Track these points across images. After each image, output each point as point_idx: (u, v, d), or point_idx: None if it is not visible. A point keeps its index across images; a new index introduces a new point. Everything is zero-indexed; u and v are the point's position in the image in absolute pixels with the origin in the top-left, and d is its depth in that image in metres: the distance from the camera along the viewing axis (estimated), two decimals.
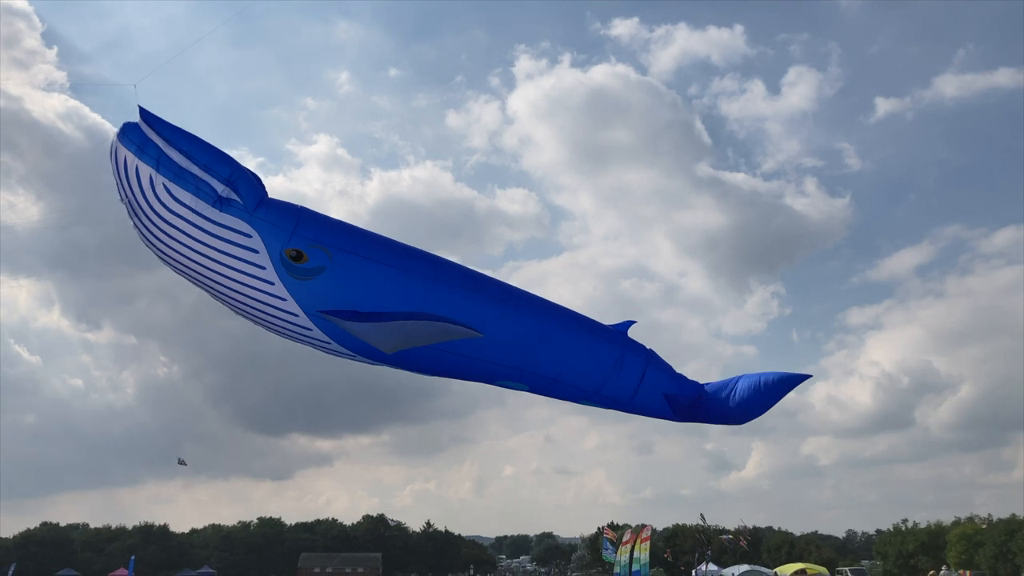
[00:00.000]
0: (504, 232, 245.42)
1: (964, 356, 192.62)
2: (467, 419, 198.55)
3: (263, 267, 8.37)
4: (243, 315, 9.17)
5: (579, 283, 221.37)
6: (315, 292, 8.52)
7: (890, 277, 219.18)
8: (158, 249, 8.67)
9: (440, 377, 9.74)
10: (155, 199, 8.23)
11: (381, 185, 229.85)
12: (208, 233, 8.24)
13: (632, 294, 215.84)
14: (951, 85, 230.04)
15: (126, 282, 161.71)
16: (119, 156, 8.42)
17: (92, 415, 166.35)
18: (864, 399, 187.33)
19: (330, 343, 9.03)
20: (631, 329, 9.72)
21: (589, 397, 9.77)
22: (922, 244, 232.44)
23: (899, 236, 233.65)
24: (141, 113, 8.28)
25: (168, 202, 8.19)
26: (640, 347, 9.66)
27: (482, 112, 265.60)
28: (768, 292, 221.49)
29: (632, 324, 9.73)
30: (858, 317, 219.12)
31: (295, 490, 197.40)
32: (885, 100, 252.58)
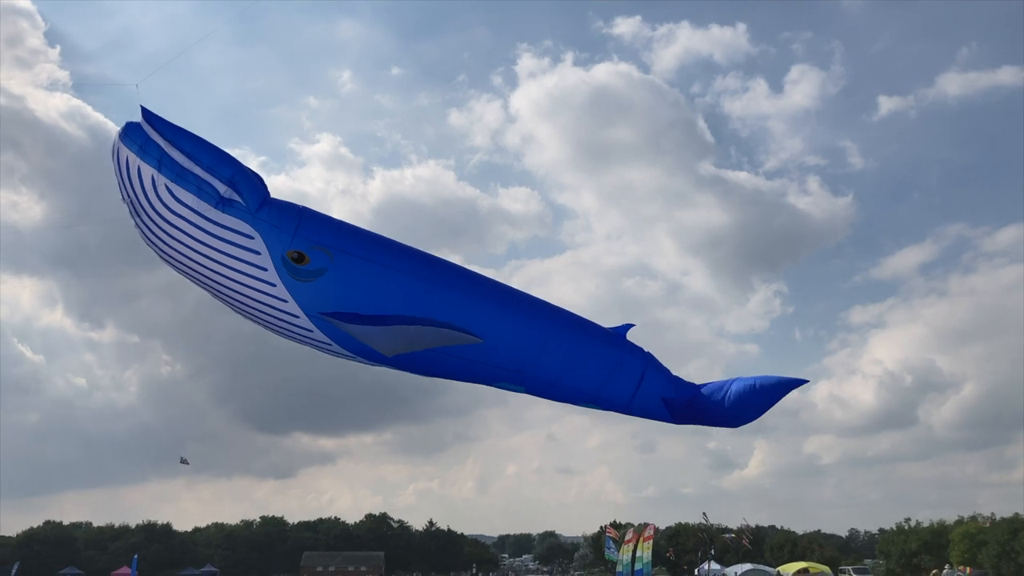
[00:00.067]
0: (507, 231, 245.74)
1: (967, 355, 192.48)
2: (470, 418, 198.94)
3: (265, 268, 8.37)
4: (244, 315, 9.16)
5: (582, 282, 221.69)
6: (316, 294, 8.51)
7: (893, 276, 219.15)
8: (160, 250, 8.66)
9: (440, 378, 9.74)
10: (157, 200, 8.21)
11: (383, 184, 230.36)
12: (210, 234, 8.22)
13: (635, 293, 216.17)
14: (954, 83, 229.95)
15: (129, 281, 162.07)
16: (121, 156, 8.39)
17: (95, 414, 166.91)
18: (867, 398, 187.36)
19: (331, 344, 9.03)
20: (630, 332, 9.69)
21: (588, 400, 9.75)
22: (925, 243, 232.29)
23: (902, 235, 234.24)
24: (143, 113, 8.24)
25: (170, 203, 8.17)
26: (639, 350, 9.63)
27: (484, 111, 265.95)
28: (771, 291, 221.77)
29: (631, 327, 9.70)
30: (861, 316, 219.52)
31: (298, 489, 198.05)
32: (888, 98, 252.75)
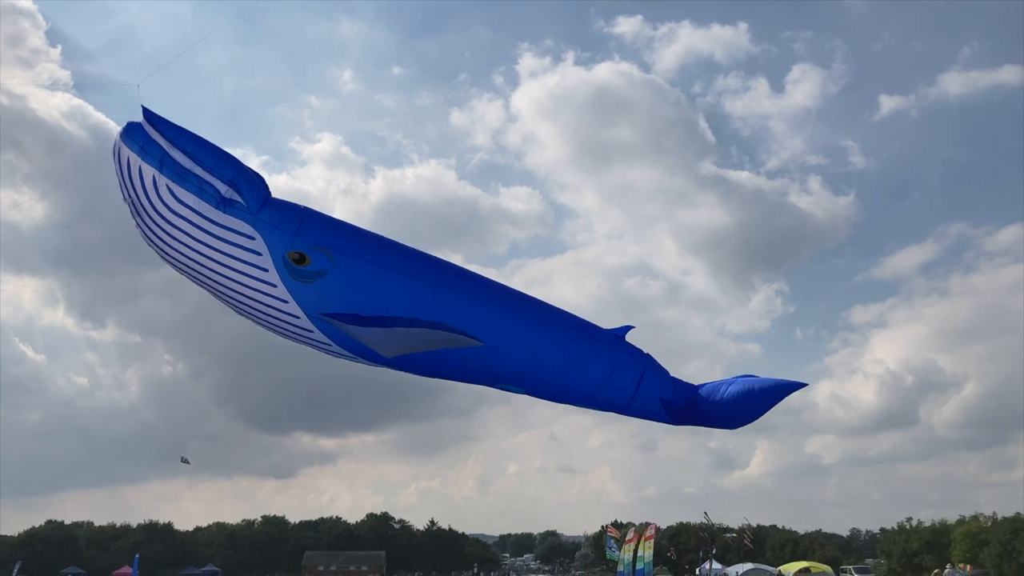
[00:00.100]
0: (508, 230, 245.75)
1: (968, 354, 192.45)
2: (471, 417, 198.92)
3: (266, 269, 8.35)
4: (245, 316, 9.15)
5: (583, 281, 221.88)
6: (317, 295, 8.49)
7: (894, 275, 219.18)
8: (161, 250, 8.64)
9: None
10: (158, 200, 8.19)
11: (385, 183, 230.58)
12: (211, 235, 8.20)
13: (636, 292, 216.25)
14: (956, 82, 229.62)
15: (130, 280, 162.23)
16: (122, 156, 8.36)
17: (96, 413, 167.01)
18: (868, 397, 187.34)
19: (331, 345, 9.02)
20: (630, 334, 9.69)
21: (587, 401, 9.77)
22: (926, 242, 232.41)
23: (903, 234, 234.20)
24: (144, 113, 8.21)
25: (171, 203, 8.14)
26: (638, 352, 9.64)
27: (486, 110, 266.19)
28: (772, 290, 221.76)
29: (630, 329, 9.70)
30: (862, 315, 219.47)
31: (299, 488, 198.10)
32: (889, 98, 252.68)
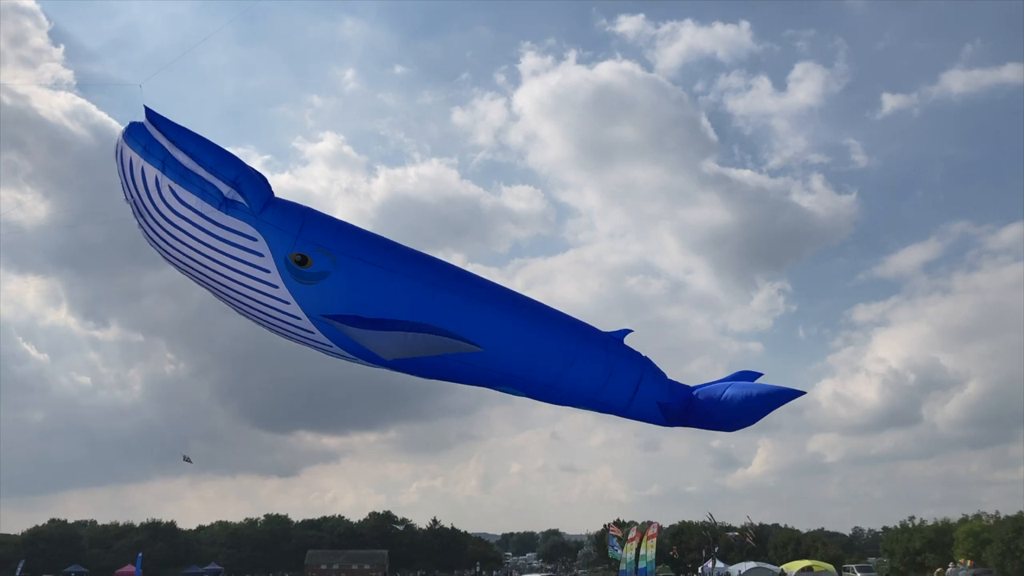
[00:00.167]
0: (510, 229, 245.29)
1: (971, 353, 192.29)
2: (473, 416, 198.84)
3: (267, 270, 8.35)
4: (246, 316, 9.16)
5: (585, 280, 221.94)
6: (319, 296, 8.50)
7: (897, 274, 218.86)
8: (163, 251, 8.65)
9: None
10: (160, 201, 8.20)
11: (387, 182, 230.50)
12: (213, 236, 8.21)
13: (638, 291, 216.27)
14: (958, 81, 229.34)
15: (133, 280, 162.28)
16: (124, 157, 8.38)
17: (99, 412, 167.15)
18: (871, 396, 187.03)
19: (332, 346, 9.04)
20: (628, 337, 9.73)
21: (586, 404, 9.83)
22: (929, 241, 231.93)
23: (906, 233, 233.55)
24: (147, 113, 8.21)
25: (173, 204, 8.15)
26: (636, 355, 9.69)
27: (488, 109, 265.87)
28: (774, 289, 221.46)
29: (629, 332, 9.75)
30: (864, 314, 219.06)
31: (301, 487, 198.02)
32: (892, 96, 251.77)
